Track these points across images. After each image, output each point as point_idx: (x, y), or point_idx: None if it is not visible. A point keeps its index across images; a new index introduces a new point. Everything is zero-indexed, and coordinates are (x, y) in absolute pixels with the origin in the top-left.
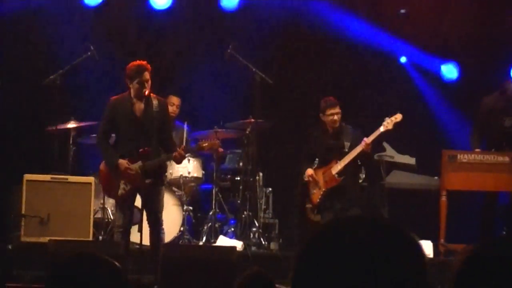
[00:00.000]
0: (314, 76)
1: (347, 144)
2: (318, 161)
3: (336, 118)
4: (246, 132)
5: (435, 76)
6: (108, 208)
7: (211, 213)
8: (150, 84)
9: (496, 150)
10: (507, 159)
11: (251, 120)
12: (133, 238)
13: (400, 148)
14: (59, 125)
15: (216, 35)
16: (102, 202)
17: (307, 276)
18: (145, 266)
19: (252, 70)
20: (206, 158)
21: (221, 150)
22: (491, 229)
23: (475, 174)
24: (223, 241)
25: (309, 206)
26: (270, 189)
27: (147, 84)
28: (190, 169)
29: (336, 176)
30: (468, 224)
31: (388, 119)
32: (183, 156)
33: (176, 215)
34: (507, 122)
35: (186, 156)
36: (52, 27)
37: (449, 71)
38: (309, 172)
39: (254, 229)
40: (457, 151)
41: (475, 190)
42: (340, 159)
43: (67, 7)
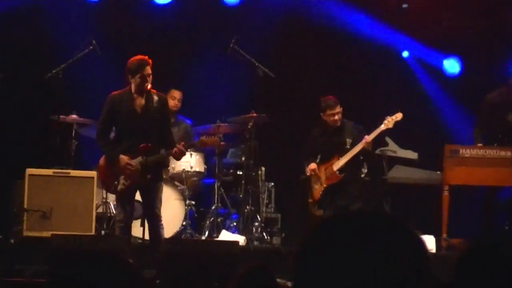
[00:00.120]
0: (316, 70)
1: (348, 141)
2: (320, 157)
3: (336, 118)
4: (248, 127)
5: (437, 71)
6: (110, 203)
7: (213, 207)
8: (151, 79)
9: (498, 145)
10: (509, 154)
11: (253, 114)
12: (135, 232)
13: (402, 143)
14: (62, 116)
15: (218, 30)
16: (105, 196)
17: (308, 271)
18: (147, 261)
19: (255, 64)
20: (208, 153)
21: (223, 144)
22: (491, 223)
23: (477, 169)
24: (225, 235)
25: (310, 201)
26: (272, 183)
27: (148, 79)
28: (192, 163)
29: (337, 172)
30: (470, 218)
31: (388, 117)
32: (183, 152)
33: (178, 209)
34: (510, 117)
35: (186, 152)
36: (55, 21)
37: (451, 65)
38: (312, 166)
39: (257, 223)
40: (459, 146)
41: (477, 185)
42: (341, 156)
43: (69, 1)
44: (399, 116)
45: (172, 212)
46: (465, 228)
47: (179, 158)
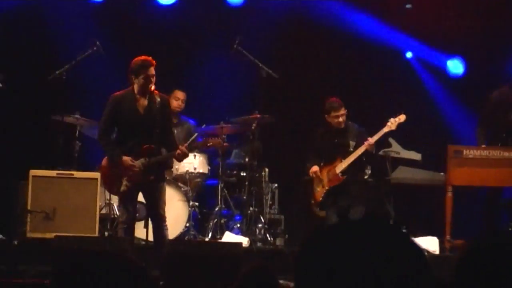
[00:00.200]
0: (320, 71)
1: (352, 143)
2: (323, 159)
3: (341, 120)
4: (252, 128)
5: (441, 72)
6: (113, 204)
7: (217, 209)
8: (155, 80)
9: (502, 145)
10: None
11: (257, 115)
12: (139, 234)
13: (406, 143)
14: (65, 116)
15: (222, 30)
16: (108, 198)
17: (309, 272)
18: (150, 262)
19: (258, 65)
20: (211, 154)
21: (226, 145)
22: (494, 223)
23: (481, 170)
24: (229, 237)
25: (313, 202)
26: (276, 184)
27: (152, 80)
28: (196, 164)
29: (340, 175)
30: (474, 219)
31: (392, 119)
32: (186, 154)
33: (182, 210)
34: None
35: (188, 154)
36: (58, 22)
37: (455, 66)
38: (313, 169)
39: (260, 225)
40: (462, 147)
41: (481, 185)
42: (344, 158)
43: (73, 1)
44: (402, 118)
45: (176, 213)
46: (468, 229)
47: (181, 159)
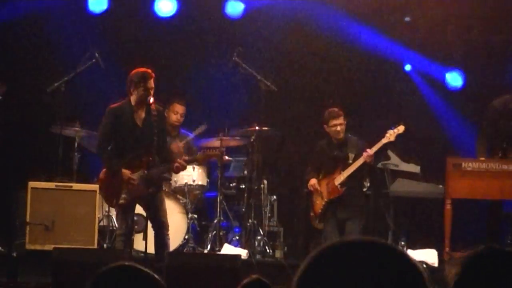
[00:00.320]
0: (319, 83)
1: (351, 156)
2: (322, 171)
3: (339, 129)
4: (251, 140)
5: (440, 84)
6: (112, 216)
7: (215, 221)
8: (153, 93)
9: (502, 154)
10: None
11: (256, 127)
12: (138, 246)
13: (404, 156)
14: (64, 128)
15: (221, 43)
16: (107, 210)
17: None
18: None
19: (257, 77)
20: (210, 166)
21: (226, 158)
22: (497, 237)
23: (480, 182)
24: (228, 249)
25: (312, 215)
26: (275, 197)
27: (151, 92)
28: (194, 177)
29: (339, 187)
30: (473, 232)
31: (390, 130)
32: (184, 167)
33: (181, 223)
34: None
35: (186, 166)
36: (57, 34)
37: (453, 79)
38: (311, 182)
39: (259, 237)
40: (462, 159)
41: (480, 198)
42: (344, 169)
43: (72, 14)
44: (401, 129)
45: (175, 225)
46: (468, 241)
47: (178, 172)
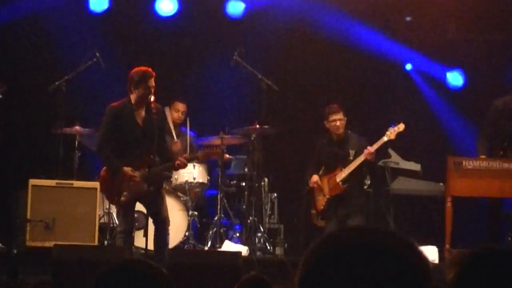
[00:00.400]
0: (320, 82)
1: (352, 152)
2: (323, 168)
3: (338, 124)
4: (252, 138)
5: (441, 83)
6: (113, 213)
7: (216, 218)
8: (153, 92)
9: (504, 153)
10: None
11: (257, 126)
12: (138, 243)
13: (405, 154)
14: (65, 127)
15: (221, 42)
16: (108, 207)
17: (311, 284)
18: None
19: (258, 76)
20: (211, 164)
21: (227, 157)
22: (497, 235)
23: (480, 181)
24: (228, 246)
25: (313, 212)
26: (275, 194)
27: (152, 91)
28: (195, 174)
29: (340, 183)
30: (474, 229)
31: (391, 128)
32: (185, 165)
33: (181, 220)
34: None
35: (187, 164)
36: (58, 34)
37: (454, 78)
38: (314, 178)
39: (259, 234)
40: (462, 158)
41: (481, 196)
42: (345, 167)
43: (73, 13)
44: (401, 127)
45: (175, 223)
46: (468, 239)
47: (178, 169)
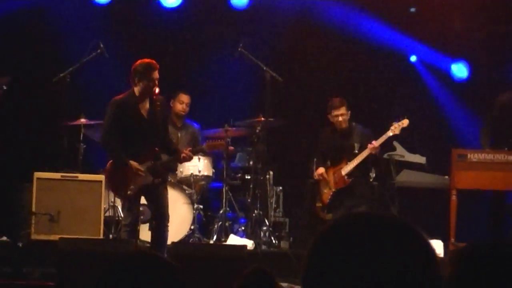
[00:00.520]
0: (324, 74)
1: (357, 145)
2: (328, 161)
3: (340, 119)
4: (256, 131)
5: (445, 75)
6: (118, 206)
7: (221, 211)
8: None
9: (508, 149)
10: None
11: (261, 118)
12: (143, 236)
13: (410, 147)
14: (69, 119)
15: (226, 33)
16: (113, 200)
17: (317, 273)
18: None
19: (263, 68)
20: (216, 157)
21: (231, 148)
22: (500, 227)
23: (485, 173)
24: (233, 239)
25: (319, 205)
26: (281, 187)
27: (157, 83)
28: (200, 167)
29: (346, 177)
30: (478, 222)
31: (395, 123)
32: (191, 157)
33: (186, 213)
34: None
35: (193, 157)
36: (62, 25)
37: (459, 70)
38: (319, 171)
39: (265, 227)
40: (467, 150)
41: (485, 189)
42: (350, 160)
43: (77, 4)
44: (405, 122)
45: (180, 216)
46: (473, 232)
47: (183, 162)
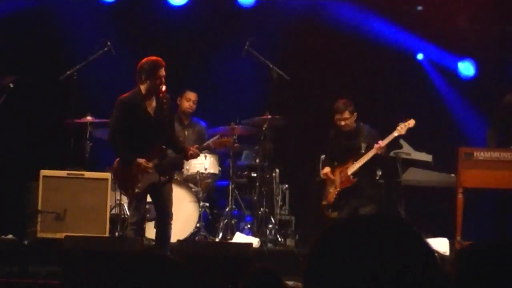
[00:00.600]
0: (331, 72)
1: (363, 145)
2: (335, 160)
3: (343, 123)
4: (263, 129)
5: (452, 73)
6: (124, 204)
7: (227, 209)
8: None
9: None
10: None
11: (268, 116)
12: (149, 234)
13: (417, 145)
14: (76, 117)
15: (233, 32)
16: (119, 198)
17: (317, 273)
18: None
19: (269, 66)
20: (222, 155)
21: (237, 146)
22: (506, 226)
23: (491, 172)
24: (239, 237)
25: (324, 203)
26: (287, 185)
27: (164, 80)
28: (206, 165)
29: (351, 177)
30: (485, 221)
31: (401, 124)
32: (197, 154)
33: (192, 211)
34: None
35: (200, 154)
36: (69, 22)
37: (466, 68)
38: (325, 170)
39: (271, 225)
40: (473, 149)
41: (492, 187)
42: (356, 160)
43: (84, 3)
44: (411, 123)
45: (186, 213)
46: (479, 230)
47: (190, 159)
